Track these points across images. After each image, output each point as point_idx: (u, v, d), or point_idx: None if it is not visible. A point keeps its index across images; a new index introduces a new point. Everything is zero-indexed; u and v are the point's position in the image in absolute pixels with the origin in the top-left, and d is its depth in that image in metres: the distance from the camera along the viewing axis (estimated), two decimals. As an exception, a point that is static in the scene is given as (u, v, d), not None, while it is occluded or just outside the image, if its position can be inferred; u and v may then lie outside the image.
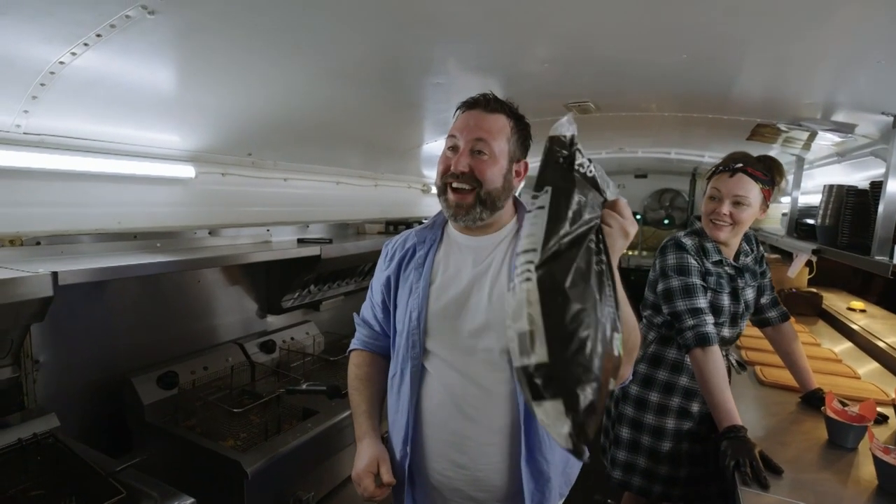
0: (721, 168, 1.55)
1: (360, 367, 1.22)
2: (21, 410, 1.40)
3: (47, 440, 1.30)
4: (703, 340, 1.45)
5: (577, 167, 0.78)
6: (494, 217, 1.08)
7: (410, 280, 1.12)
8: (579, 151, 0.79)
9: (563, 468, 1.12)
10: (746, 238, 1.70)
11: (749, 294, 1.66)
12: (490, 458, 1.05)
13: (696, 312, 1.49)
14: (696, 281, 1.53)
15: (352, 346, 1.28)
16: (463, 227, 1.13)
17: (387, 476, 1.05)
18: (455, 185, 1.04)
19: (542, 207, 0.75)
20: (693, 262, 1.55)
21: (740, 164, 1.50)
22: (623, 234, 0.83)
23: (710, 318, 1.49)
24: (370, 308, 1.25)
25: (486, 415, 1.05)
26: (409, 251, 1.16)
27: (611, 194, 0.84)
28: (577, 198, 0.76)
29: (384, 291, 1.19)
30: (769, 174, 1.52)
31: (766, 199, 1.54)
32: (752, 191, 1.49)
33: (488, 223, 1.09)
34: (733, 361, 1.72)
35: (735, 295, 1.61)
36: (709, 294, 1.56)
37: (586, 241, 0.75)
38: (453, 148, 1.06)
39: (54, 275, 1.14)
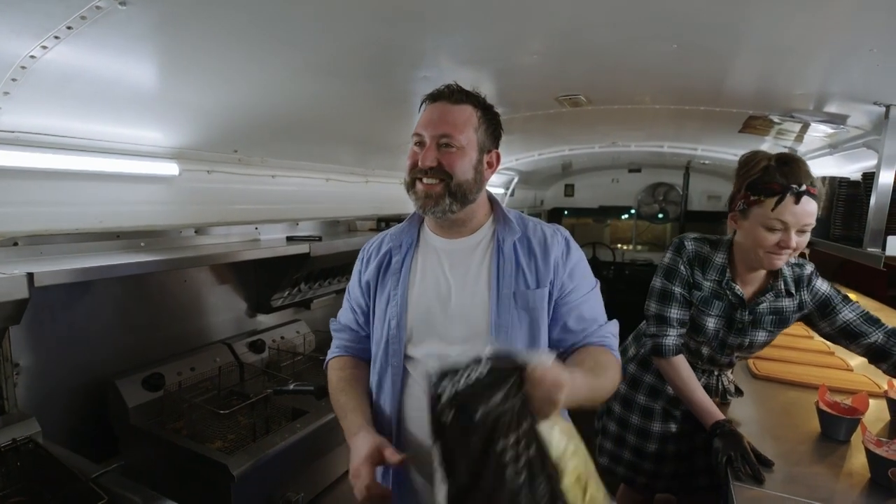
0: (788, 193, 1.22)
1: (344, 370, 1.17)
2: (1, 415, 1.36)
3: (27, 445, 1.27)
4: (658, 351, 1.45)
5: (452, 403, 0.73)
6: (466, 211, 1.05)
7: (388, 287, 1.09)
8: (451, 379, 0.75)
9: None
10: (797, 280, 1.42)
11: (760, 337, 1.45)
12: None
13: (662, 321, 1.46)
14: (677, 289, 1.44)
15: (330, 355, 1.21)
16: (438, 228, 1.11)
17: (394, 457, 0.94)
18: (425, 180, 1.02)
19: (437, 469, 0.74)
20: (682, 268, 1.45)
21: (804, 188, 1.22)
22: (550, 403, 0.75)
23: (674, 331, 1.45)
24: (350, 312, 1.20)
25: None
26: (385, 257, 1.13)
27: (529, 359, 0.77)
28: (465, 443, 0.72)
29: (365, 296, 1.15)
30: (816, 185, 1.25)
31: None
32: (816, 209, 1.24)
33: (462, 220, 1.07)
34: (727, 385, 1.63)
35: (731, 324, 1.44)
36: (692, 308, 1.46)
37: (499, 466, 0.70)
38: (420, 144, 1.03)
39: (30, 276, 1.11)
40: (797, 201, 1.21)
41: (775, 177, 1.25)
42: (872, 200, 1.49)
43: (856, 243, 1.62)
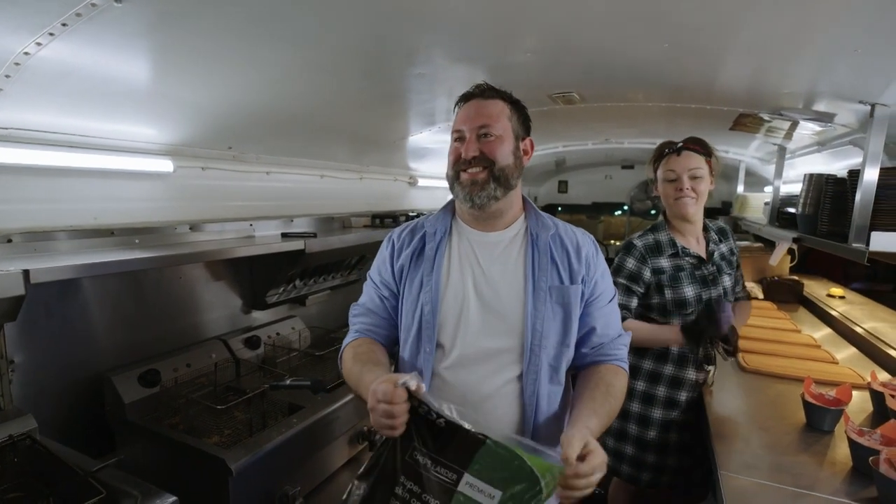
0: (667, 151, 1.66)
1: (360, 346, 1.11)
2: (-3, 412, 1.37)
3: (24, 441, 1.27)
4: None
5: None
6: (505, 202, 1.09)
7: (421, 273, 1.10)
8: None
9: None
10: (720, 232, 1.77)
11: (727, 282, 1.71)
12: None
13: None
14: (620, 280, 1.65)
15: (347, 339, 1.16)
16: (472, 221, 1.13)
17: (414, 382, 0.85)
18: (469, 170, 1.05)
19: None
20: (629, 264, 1.65)
21: (681, 144, 1.63)
22: (590, 486, 0.81)
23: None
24: (378, 299, 1.17)
25: (494, 413, 1.05)
26: (419, 243, 1.14)
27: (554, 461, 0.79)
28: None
29: (397, 281, 1.14)
30: (704, 147, 1.64)
31: (711, 170, 1.65)
32: (701, 162, 1.61)
33: (500, 211, 1.10)
34: (720, 350, 1.71)
35: (704, 282, 1.64)
36: (667, 291, 1.63)
37: None
38: (460, 139, 1.08)
39: (26, 272, 1.11)
40: (678, 154, 1.62)
41: (664, 146, 1.68)
42: (857, 197, 1.52)
43: (841, 239, 1.65)
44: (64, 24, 1.03)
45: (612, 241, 6.29)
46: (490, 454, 0.79)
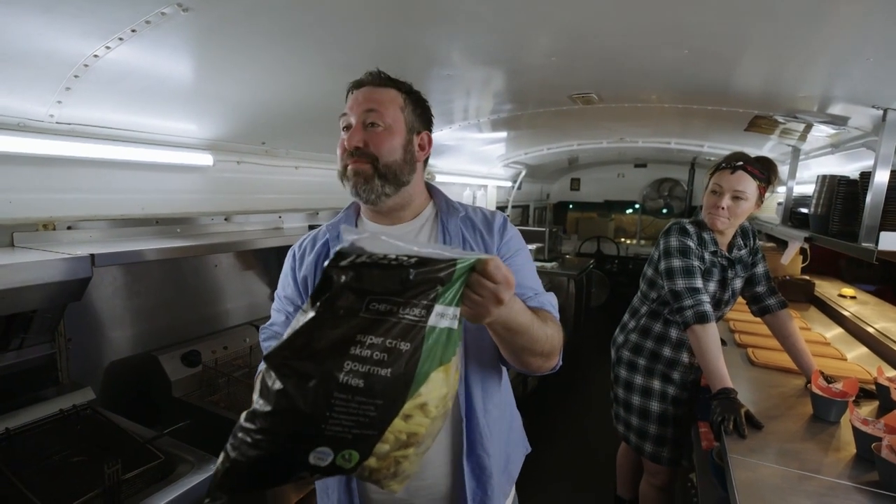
0: (723, 165, 1.70)
1: None
2: (56, 385, 1.48)
3: (86, 411, 1.39)
4: (703, 318, 1.59)
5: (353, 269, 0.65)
6: (402, 196, 1.02)
7: None
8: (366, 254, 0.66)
9: (505, 465, 1.07)
10: (743, 233, 1.84)
11: (737, 284, 1.81)
12: (433, 459, 0.96)
13: (695, 292, 1.63)
14: (696, 263, 1.68)
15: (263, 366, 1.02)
16: (377, 216, 1.06)
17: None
18: (353, 161, 0.97)
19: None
20: (693, 246, 1.71)
21: (741, 163, 1.66)
22: (494, 300, 0.69)
23: (706, 298, 1.62)
24: (282, 317, 1.08)
25: None
26: (323, 249, 1.05)
27: (467, 255, 0.67)
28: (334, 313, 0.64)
29: (303, 295, 1.05)
30: (766, 173, 1.68)
31: (761, 195, 1.69)
32: (749, 186, 1.65)
33: (400, 205, 1.03)
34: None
35: (723, 283, 1.76)
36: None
37: (341, 355, 0.62)
38: (347, 127, 0.99)
39: (92, 257, 1.22)
40: (732, 172, 1.65)
41: (729, 158, 1.70)
42: (868, 198, 1.56)
43: (852, 238, 1.71)
44: (133, 31, 1.13)
45: (624, 240, 6.33)
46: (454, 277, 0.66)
